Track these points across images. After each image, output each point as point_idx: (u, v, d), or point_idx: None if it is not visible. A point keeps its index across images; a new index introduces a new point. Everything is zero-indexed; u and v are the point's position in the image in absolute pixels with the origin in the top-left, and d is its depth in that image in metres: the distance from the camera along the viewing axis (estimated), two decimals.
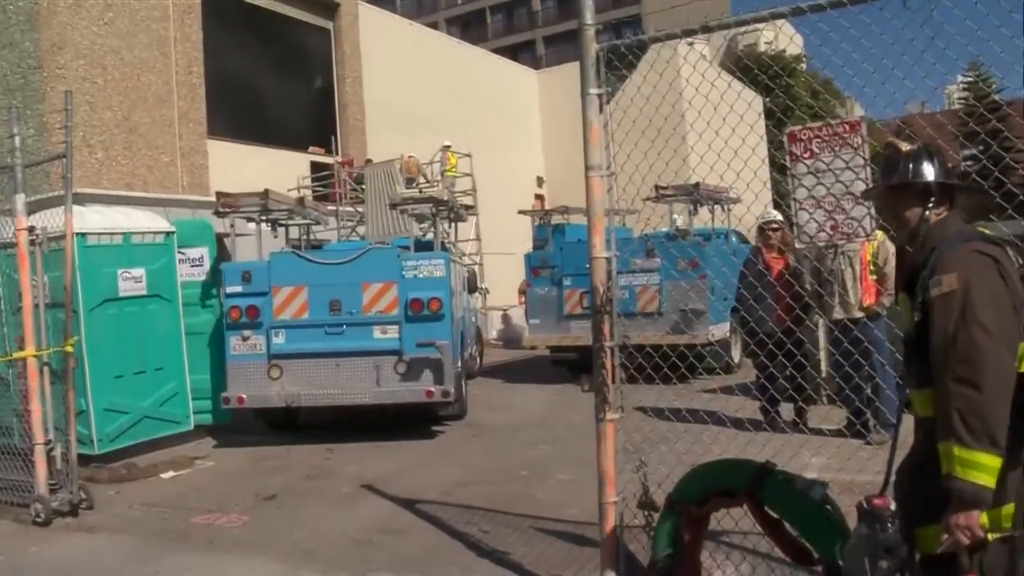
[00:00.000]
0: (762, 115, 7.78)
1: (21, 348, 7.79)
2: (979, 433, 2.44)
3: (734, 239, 15.15)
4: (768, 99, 10.08)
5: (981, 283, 2.57)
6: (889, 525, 2.61)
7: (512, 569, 5.48)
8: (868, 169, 4.60)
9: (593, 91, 4.67)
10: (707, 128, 4.98)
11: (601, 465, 4.67)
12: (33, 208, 7.91)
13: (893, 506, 2.67)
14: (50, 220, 8.29)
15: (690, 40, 5.19)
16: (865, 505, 2.68)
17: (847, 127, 4.80)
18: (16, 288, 7.99)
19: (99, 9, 19.16)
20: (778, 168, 6.54)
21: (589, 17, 4.67)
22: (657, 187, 12.52)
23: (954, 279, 2.59)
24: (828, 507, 3.54)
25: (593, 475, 4.78)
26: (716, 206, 14.72)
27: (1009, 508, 2.54)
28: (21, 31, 18.26)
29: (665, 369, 5.54)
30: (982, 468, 2.44)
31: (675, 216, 14.90)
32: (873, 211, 4.62)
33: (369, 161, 20.81)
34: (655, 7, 45.67)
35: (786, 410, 9.04)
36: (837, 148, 4.78)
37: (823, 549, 3.48)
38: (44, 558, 6.62)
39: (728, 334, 13.81)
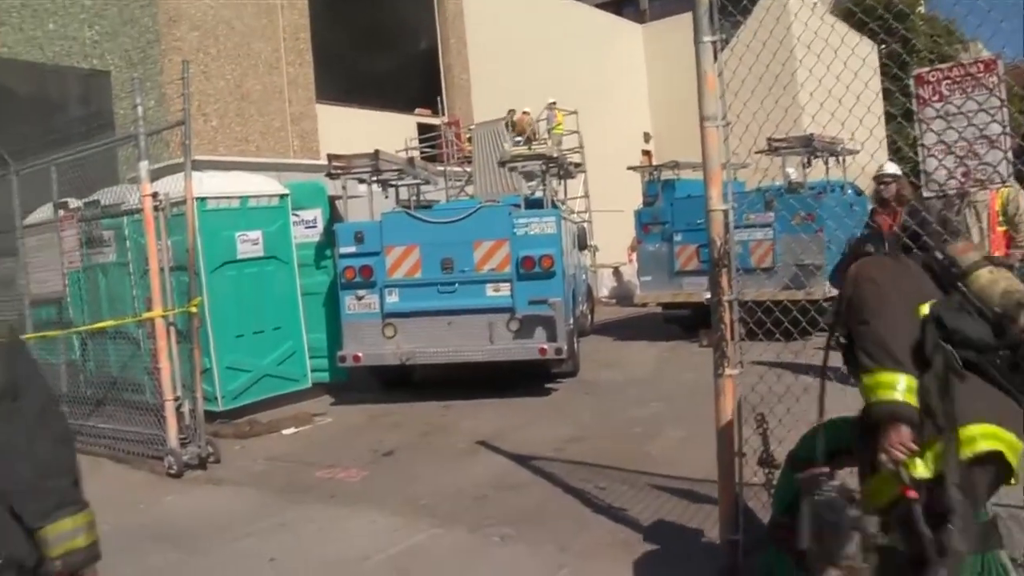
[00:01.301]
0: (877, 64, 7.40)
1: (149, 309, 8.10)
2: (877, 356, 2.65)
3: (851, 192, 14.62)
4: (883, 47, 9.63)
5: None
6: (825, 489, 2.74)
7: (629, 525, 5.43)
8: (1005, 110, 4.31)
9: (707, 39, 4.52)
10: (820, 83, 4.75)
11: (720, 421, 4.57)
12: (154, 176, 8.16)
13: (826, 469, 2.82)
14: (171, 186, 8.54)
15: None
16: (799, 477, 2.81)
17: (981, 66, 4.50)
18: (143, 252, 8.28)
19: None
20: (895, 118, 6.20)
21: None
22: (770, 139, 12.16)
23: None
24: None
25: (707, 433, 4.67)
26: (831, 158, 14.21)
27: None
28: (141, 7, 18.80)
29: (786, 324, 5.36)
30: (887, 386, 2.59)
31: (789, 169, 14.46)
32: (1011, 155, 4.33)
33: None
34: None
35: None
36: (969, 89, 4.49)
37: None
38: (178, 507, 6.90)
39: None
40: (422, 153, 20.20)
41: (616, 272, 23.41)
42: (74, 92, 13.36)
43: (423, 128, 22.80)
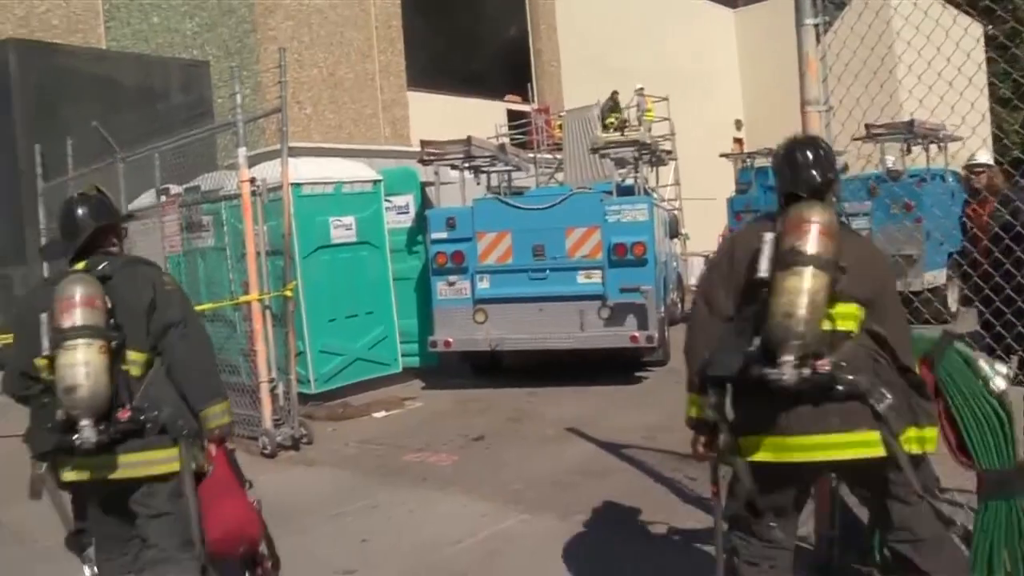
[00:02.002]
0: (981, 42, 7.05)
1: (246, 293, 8.26)
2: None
3: (951, 180, 14.09)
4: (990, 26, 9.24)
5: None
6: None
7: None
8: None
9: (809, 21, 4.39)
10: (929, 65, 4.56)
11: None
12: (251, 162, 8.33)
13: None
14: (267, 172, 8.69)
15: None
16: None
17: None
18: (240, 237, 8.46)
19: None
20: (1001, 101, 5.91)
21: None
22: (867, 126, 11.80)
23: None
24: (1000, 402, 3.18)
25: None
26: (932, 145, 13.72)
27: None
28: None
29: None
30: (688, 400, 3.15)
31: (887, 156, 14.02)
32: None
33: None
34: None
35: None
36: None
37: (978, 449, 3.24)
38: (272, 486, 6.99)
39: (944, 281, 12.92)
40: (512, 140, 20.20)
41: (708, 260, 23.08)
42: (176, 82, 13.75)
43: (513, 115, 22.79)
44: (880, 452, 2.88)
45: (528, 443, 7.81)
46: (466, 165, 11.23)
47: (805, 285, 2.75)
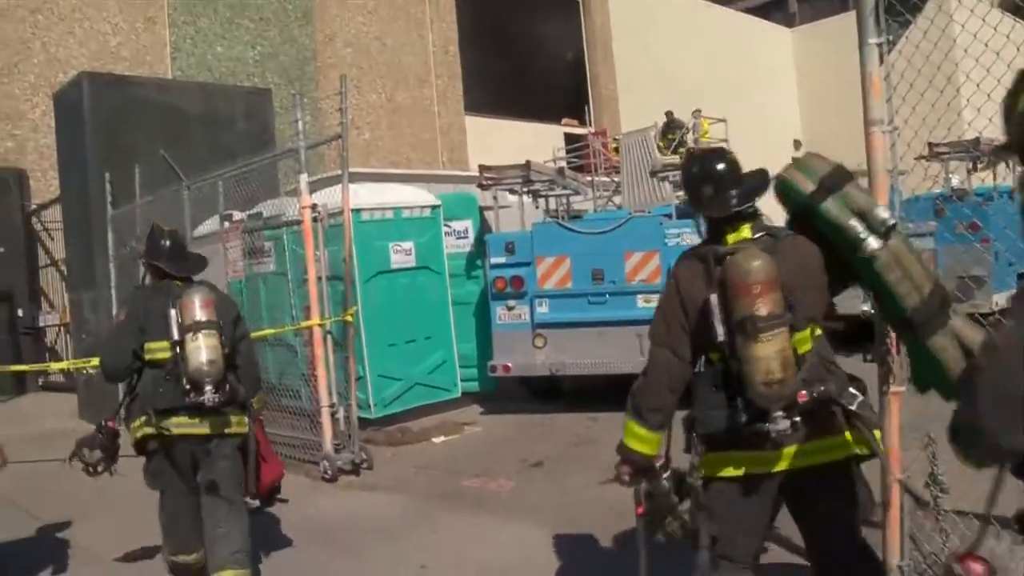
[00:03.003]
0: None
1: (307, 318, 8.35)
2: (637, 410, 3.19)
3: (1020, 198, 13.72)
4: None
5: (662, 299, 3.22)
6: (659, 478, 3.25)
7: (783, 545, 5.22)
8: None
9: (872, 40, 4.29)
10: (999, 82, 4.44)
11: (885, 440, 4.32)
12: (311, 188, 8.42)
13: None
14: (327, 198, 8.79)
15: None
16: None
17: None
18: (301, 262, 8.55)
19: None
20: None
21: None
22: (931, 144, 11.57)
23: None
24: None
25: None
26: (1000, 163, 13.41)
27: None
28: (299, 27, 19.66)
29: None
30: (634, 435, 3.15)
31: (951, 175, 13.74)
32: None
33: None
34: None
35: None
36: None
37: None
38: (332, 510, 7.07)
39: None
40: (569, 163, 20.23)
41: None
42: (239, 110, 13.98)
43: (570, 138, 22.85)
44: (852, 451, 3.05)
45: (588, 469, 7.72)
46: (525, 189, 11.24)
47: (772, 350, 2.79)
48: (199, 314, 4.44)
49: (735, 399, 2.94)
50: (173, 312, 4.53)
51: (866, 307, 11.45)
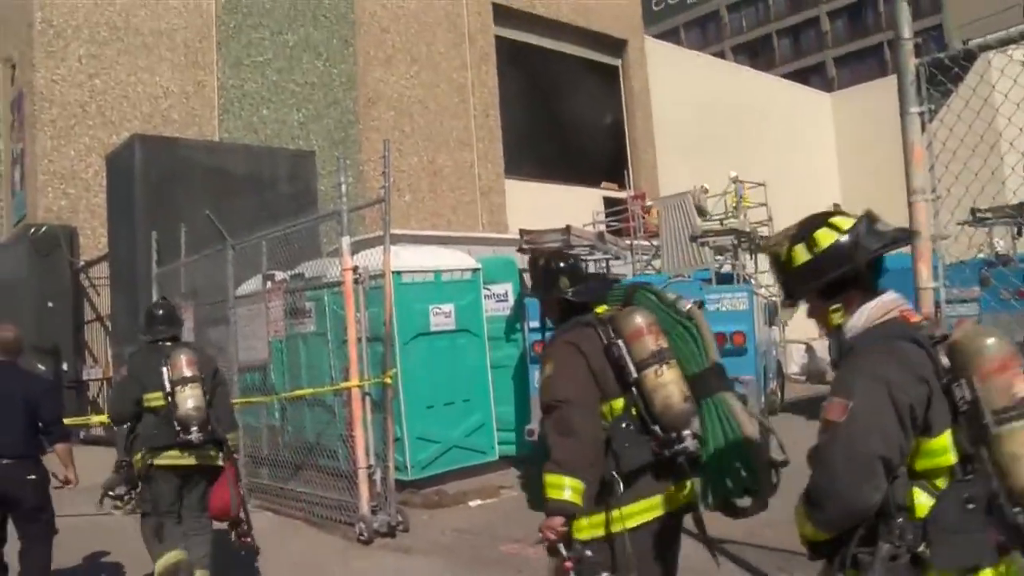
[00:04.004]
0: None
1: (346, 378, 8.39)
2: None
3: None
4: None
5: (563, 366, 3.41)
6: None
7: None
8: None
9: (914, 109, 4.32)
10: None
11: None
12: (352, 249, 8.51)
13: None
14: (368, 260, 8.88)
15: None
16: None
17: None
18: (341, 323, 8.62)
19: (406, 64, 20.70)
20: None
21: (907, 31, 4.33)
22: (974, 209, 11.50)
23: (549, 366, 3.46)
24: (689, 319, 3.57)
25: None
26: None
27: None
28: (343, 90, 20.09)
29: None
30: (566, 487, 3.21)
31: (996, 240, 13.61)
32: None
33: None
34: (960, 15, 42.43)
35: None
36: None
37: (683, 362, 3.58)
38: (368, 573, 7.02)
39: None
40: (608, 227, 20.32)
41: (808, 348, 22.57)
42: (283, 171, 14.27)
43: (609, 202, 22.96)
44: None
45: None
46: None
47: (676, 376, 3.34)
48: (186, 370, 5.68)
49: (649, 432, 3.32)
50: (165, 369, 5.69)
51: None
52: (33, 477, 5.49)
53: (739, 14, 63.66)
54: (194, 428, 5.58)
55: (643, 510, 3.35)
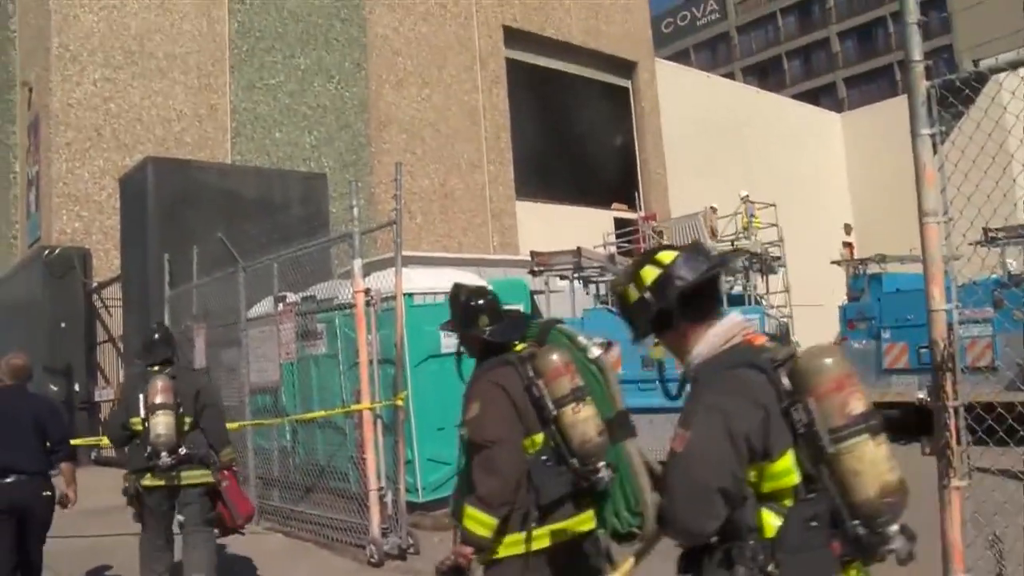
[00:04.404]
0: None
1: (357, 401, 8.39)
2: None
3: None
4: None
5: (489, 405, 3.58)
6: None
7: None
8: None
9: (925, 131, 4.31)
10: None
11: (946, 536, 4.20)
12: (363, 271, 8.53)
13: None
14: (380, 283, 8.89)
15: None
16: None
17: None
18: (352, 345, 8.62)
19: (417, 87, 20.83)
20: None
21: (917, 54, 4.32)
22: (986, 230, 11.49)
23: (475, 406, 3.61)
24: (597, 366, 3.71)
25: (928, 545, 4.31)
26: None
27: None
28: (355, 113, 20.22)
29: (1017, 427, 4.93)
30: (480, 522, 3.43)
31: (1009, 261, 13.60)
32: None
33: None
34: (970, 37, 42.46)
35: None
36: None
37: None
38: None
39: None
40: (619, 248, 20.34)
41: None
42: (295, 193, 14.35)
43: (620, 223, 22.99)
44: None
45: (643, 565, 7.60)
46: (575, 275, 11.30)
47: (593, 411, 3.51)
48: (158, 397, 5.98)
49: (564, 464, 3.53)
50: (142, 395, 6.07)
51: (922, 394, 11.31)
52: (48, 493, 5.80)
53: (749, 35, 63.88)
54: (163, 453, 5.89)
55: (557, 531, 3.56)
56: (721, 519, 2.29)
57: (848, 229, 32.85)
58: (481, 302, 3.87)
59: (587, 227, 20.67)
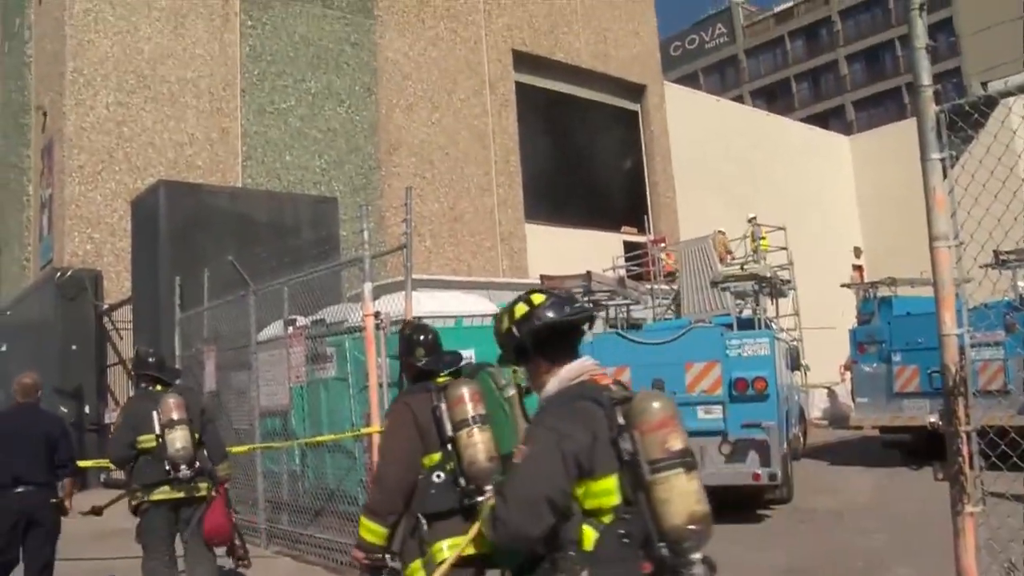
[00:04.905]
0: None
1: (367, 424, 8.38)
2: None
3: None
4: None
5: (393, 425, 4.13)
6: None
7: None
8: None
9: (935, 156, 4.30)
10: None
11: (960, 563, 4.17)
12: (373, 294, 8.54)
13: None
14: (389, 306, 8.90)
15: None
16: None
17: None
18: (362, 368, 8.61)
19: (427, 111, 20.95)
20: None
21: (926, 78, 4.33)
22: (996, 252, 11.48)
23: (386, 423, 4.25)
24: (509, 403, 3.88)
25: (941, 571, 4.29)
26: None
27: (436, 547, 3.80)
28: (364, 137, 20.34)
29: None
30: (370, 530, 3.91)
31: (1020, 284, 13.56)
32: None
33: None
34: (978, 61, 42.48)
35: None
36: None
37: (501, 440, 3.98)
38: None
39: None
40: (628, 271, 20.32)
41: (830, 392, 22.40)
42: (305, 217, 14.42)
43: (629, 246, 22.99)
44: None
45: None
46: (586, 299, 11.30)
47: (488, 437, 3.82)
48: (174, 414, 6.30)
49: (457, 481, 3.86)
50: (155, 413, 6.38)
51: (933, 418, 11.25)
52: (54, 501, 6.39)
53: (757, 58, 64.08)
54: (183, 466, 6.25)
55: (452, 546, 3.76)
56: (547, 526, 2.58)
57: (858, 252, 32.79)
58: (421, 337, 4.38)
59: (596, 250, 20.67)
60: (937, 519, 4.28)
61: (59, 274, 16.30)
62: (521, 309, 2.89)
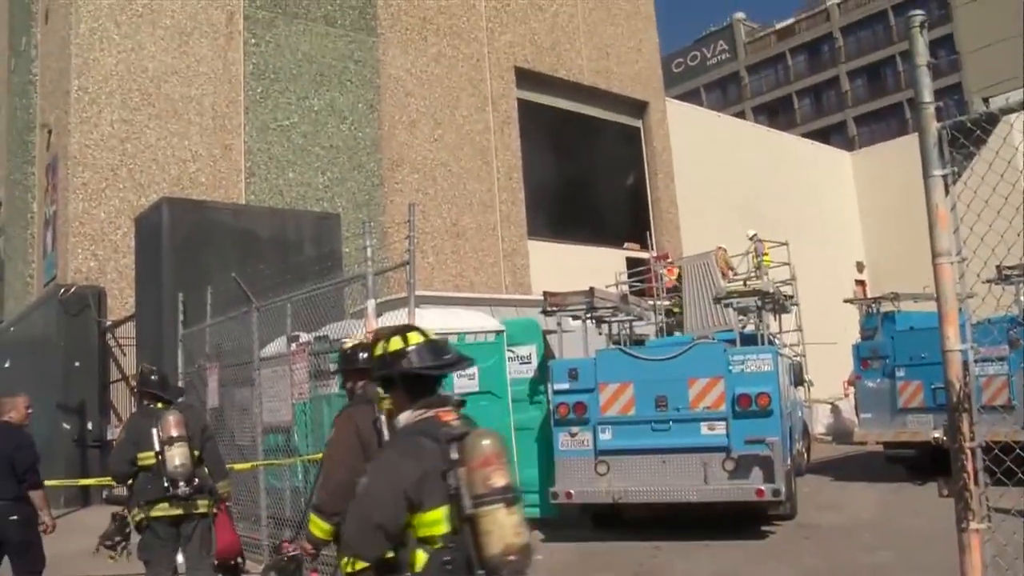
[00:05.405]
0: None
1: None
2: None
3: None
4: None
5: (338, 434, 4.70)
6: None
7: None
8: None
9: (937, 173, 4.31)
10: None
11: None
12: (376, 311, 8.54)
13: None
14: (391, 322, 8.89)
15: None
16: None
17: None
18: None
19: (430, 127, 21.04)
20: None
21: (927, 95, 4.34)
22: (999, 267, 11.48)
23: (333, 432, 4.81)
24: None
25: None
26: None
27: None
28: (367, 153, 20.41)
29: None
30: (318, 527, 4.44)
31: (1022, 298, 13.55)
32: None
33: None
34: (980, 77, 42.52)
35: None
36: None
37: None
38: None
39: None
40: (631, 287, 20.32)
41: (834, 408, 22.36)
42: (308, 233, 14.46)
43: (632, 262, 23.00)
44: None
45: None
46: (588, 315, 11.30)
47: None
48: (173, 431, 6.37)
49: None
50: (155, 430, 6.44)
51: (937, 433, 11.23)
52: (15, 517, 6.51)
53: (759, 75, 64.31)
54: (181, 483, 6.34)
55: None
56: (383, 549, 2.88)
57: (860, 267, 32.80)
58: (363, 355, 4.67)
59: (599, 266, 20.67)
60: (942, 535, 4.26)
61: (63, 291, 16.32)
62: (396, 344, 3.08)
